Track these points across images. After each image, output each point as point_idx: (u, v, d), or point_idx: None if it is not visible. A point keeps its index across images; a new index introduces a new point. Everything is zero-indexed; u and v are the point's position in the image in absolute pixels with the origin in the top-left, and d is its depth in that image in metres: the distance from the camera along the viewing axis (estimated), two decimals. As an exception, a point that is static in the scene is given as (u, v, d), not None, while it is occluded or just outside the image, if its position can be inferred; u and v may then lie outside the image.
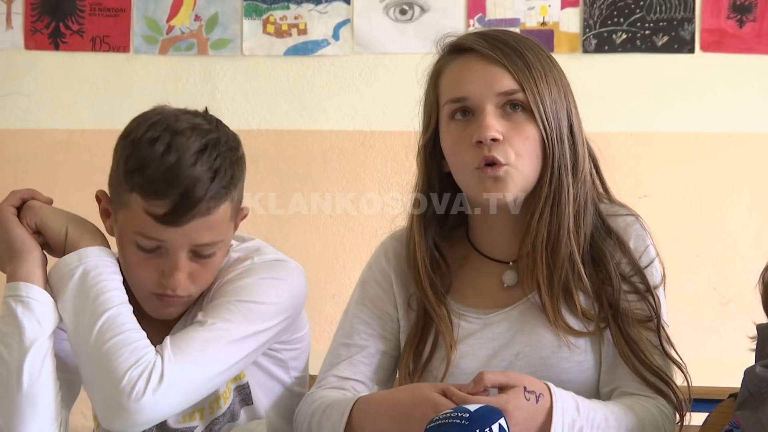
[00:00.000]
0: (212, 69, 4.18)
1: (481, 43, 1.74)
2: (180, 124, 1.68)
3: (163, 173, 1.62)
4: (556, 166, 1.71)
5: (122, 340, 1.62)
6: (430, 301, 1.78)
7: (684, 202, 4.04)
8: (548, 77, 1.73)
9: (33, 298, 1.66)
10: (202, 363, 1.66)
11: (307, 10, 4.14)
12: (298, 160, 4.15)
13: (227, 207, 1.69)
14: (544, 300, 1.72)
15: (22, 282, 1.67)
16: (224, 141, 1.69)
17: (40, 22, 4.20)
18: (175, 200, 1.63)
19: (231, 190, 1.69)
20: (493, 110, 1.70)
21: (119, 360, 1.60)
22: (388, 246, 1.89)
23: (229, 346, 1.70)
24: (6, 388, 1.62)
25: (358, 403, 1.67)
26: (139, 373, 1.59)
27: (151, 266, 1.70)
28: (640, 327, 1.73)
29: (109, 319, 1.64)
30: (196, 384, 1.66)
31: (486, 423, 1.38)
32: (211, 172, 1.64)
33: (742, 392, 1.57)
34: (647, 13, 4.05)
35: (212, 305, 1.73)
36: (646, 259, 1.77)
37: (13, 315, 1.65)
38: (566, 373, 1.72)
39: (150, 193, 1.64)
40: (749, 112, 4.04)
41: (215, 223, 1.68)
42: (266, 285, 1.76)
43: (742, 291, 3.81)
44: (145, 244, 1.68)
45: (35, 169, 4.21)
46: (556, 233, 1.72)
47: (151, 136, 1.67)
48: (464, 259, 1.84)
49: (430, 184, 1.82)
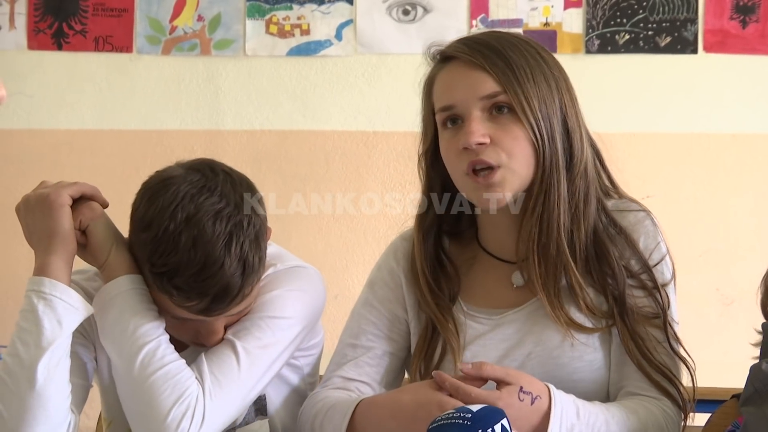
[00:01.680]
0: (215, 69, 4.19)
1: (463, 49, 1.75)
2: (199, 212, 1.63)
3: (192, 280, 1.61)
4: (548, 164, 1.71)
5: (164, 374, 1.63)
6: (433, 311, 1.78)
7: (687, 203, 4.03)
8: (535, 74, 1.73)
9: (57, 297, 1.65)
10: (241, 395, 1.69)
11: (310, 11, 4.14)
12: (300, 161, 4.15)
13: (256, 280, 1.69)
14: (543, 299, 1.72)
15: (47, 278, 1.66)
16: (248, 222, 1.66)
17: (43, 23, 4.20)
18: (209, 301, 1.63)
19: (260, 269, 1.68)
20: (479, 115, 1.71)
21: (162, 396, 1.61)
22: (398, 246, 1.89)
23: (264, 370, 1.73)
24: (17, 386, 1.62)
25: (360, 405, 1.67)
26: (183, 411, 1.60)
27: (188, 327, 1.71)
28: (648, 324, 1.72)
29: (149, 352, 1.64)
30: (233, 414, 1.70)
31: (488, 423, 1.38)
32: (241, 265, 1.62)
33: (747, 389, 1.57)
34: (650, 14, 4.04)
35: (243, 325, 1.73)
36: (657, 256, 1.76)
37: (33, 311, 1.64)
38: (577, 373, 1.72)
39: (183, 299, 1.64)
40: (752, 113, 4.04)
41: (250, 298, 1.70)
42: (293, 298, 1.77)
43: (745, 292, 3.77)
44: (179, 320, 1.70)
45: (38, 170, 4.21)
46: (547, 231, 1.71)
47: (173, 230, 1.62)
48: (474, 259, 1.84)
49: (431, 188, 1.83)
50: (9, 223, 4.35)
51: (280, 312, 1.74)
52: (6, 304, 4.19)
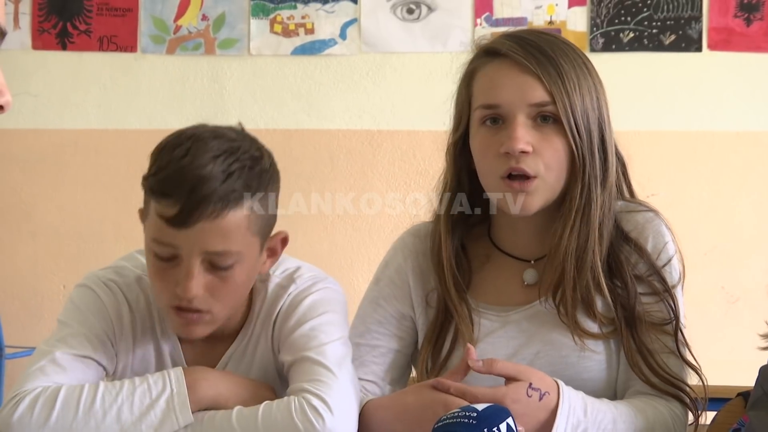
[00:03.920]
0: (219, 69, 4.19)
1: (516, 49, 1.71)
2: (206, 133, 1.65)
3: (173, 173, 1.60)
4: (587, 178, 1.69)
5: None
6: (452, 299, 1.77)
7: (691, 201, 4.03)
8: (582, 86, 1.71)
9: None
10: (351, 385, 1.66)
11: (314, 10, 4.14)
12: (305, 160, 4.15)
13: (242, 215, 1.63)
14: (560, 308, 1.72)
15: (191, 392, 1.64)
16: (245, 150, 1.65)
17: (48, 22, 4.21)
18: (182, 199, 1.59)
19: (245, 196, 1.63)
20: (524, 121, 1.68)
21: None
22: (407, 242, 1.88)
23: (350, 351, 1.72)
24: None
25: (366, 408, 1.67)
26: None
27: (168, 277, 1.65)
28: (656, 331, 1.71)
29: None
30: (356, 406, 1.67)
31: (494, 422, 1.38)
32: (224, 174, 1.60)
33: (755, 391, 1.56)
34: (654, 12, 4.04)
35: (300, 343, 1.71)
36: (665, 257, 1.75)
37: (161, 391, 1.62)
38: (587, 372, 1.72)
39: (160, 193, 1.61)
40: (757, 111, 4.04)
41: (227, 230, 1.62)
42: (331, 319, 1.74)
43: (750, 290, 3.80)
44: (161, 252, 1.64)
45: (43, 169, 4.22)
46: (584, 244, 1.70)
47: (175, 143, 1.63)
48: (485, 256, 1.83)
49: (459, 182, 1.81)
50: (14, 222, 4.38)
51: (327, 337, 1.72)
52: (11, 304, 4.20)
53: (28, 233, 4.26)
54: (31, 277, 4.27)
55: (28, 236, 4.26)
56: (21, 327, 4.12)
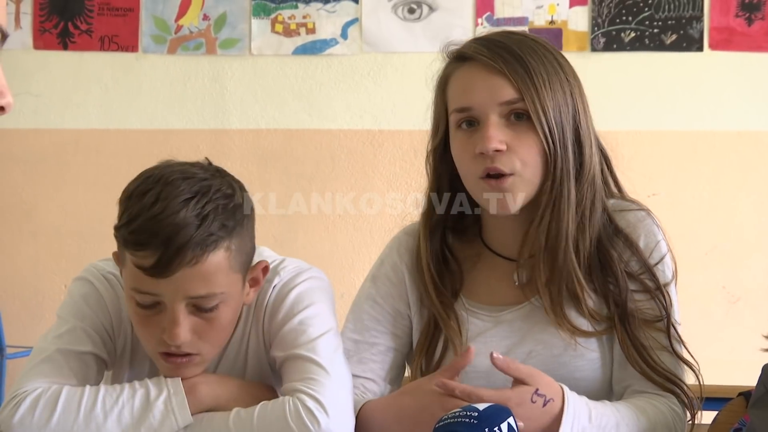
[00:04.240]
0: (221, 68, 4.19)
1: (482, 51, 1.74)
2: (174, 174, 1.60)
3: (146, 223, 1.56)
4: (558, 173, 1.71)
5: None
6: (437, 308, 1.78)
7: (692, 201, 4.03)
8: (552, 81, 1.72)
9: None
10: (345, 381, 1.66)
11: (316, 10, 4.14)
12: (306, 160, 4.15)
13: (221, 256, 1.60)
14: (546, 304, 1.72)
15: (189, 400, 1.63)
16: (216, 188, 1.61)
17: (49, 22, 4.21)
18: (159, 250, 1.55)
19: (222, 238, 1.59)
20: (496, 120, 1.70)
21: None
22: (402, 240, 1.89)
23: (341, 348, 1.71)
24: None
25: (363, 410, 1.67)
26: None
27: (153, 324, 1.62)
28: (649, 328, 1.72)
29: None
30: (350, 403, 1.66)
31: (495, 422, 1.38)
32: (198, 219, 1.56)
33: (757, 389, 1.56)
34: (656, 12, 4.04)
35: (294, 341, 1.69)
36: (657, 255, 1.76)
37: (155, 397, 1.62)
38: (579, 371, 1.72)
39: (135, 245, 1.57)
40: (758, 111, 4.04)
41: (208, 273, 1.59)
42: (319, 310, 1.72)
43: (751, 289, 3.80)
44: (142, 300, 1.61)
45: (44, 169, 4.22)
46: (554, 240, 1.72)
47: (143, 189, 1.59)
48: (477, 256, 1.84)
49: (440, 186, 1.83)
50: (15, 222, 4.38)
51: (316, 330, 1.71)
52: (12, 304, 4.20)
53: (29, 233, 4.26)
54: (32, 276, 4.27)
55: (29, 236, 4.26)
56: (22, 327, 4.13)
